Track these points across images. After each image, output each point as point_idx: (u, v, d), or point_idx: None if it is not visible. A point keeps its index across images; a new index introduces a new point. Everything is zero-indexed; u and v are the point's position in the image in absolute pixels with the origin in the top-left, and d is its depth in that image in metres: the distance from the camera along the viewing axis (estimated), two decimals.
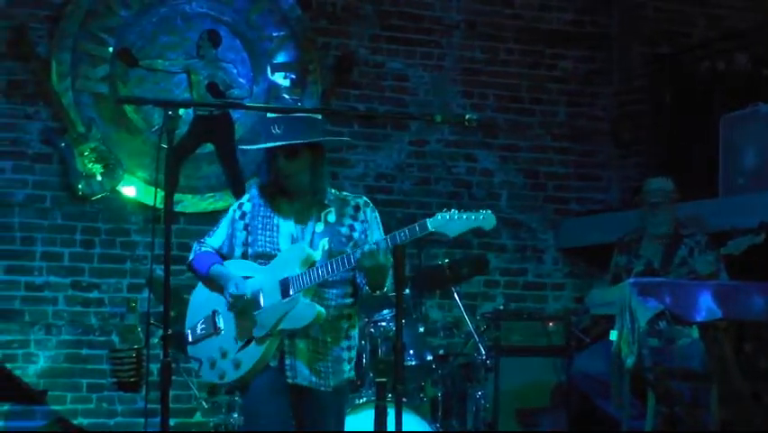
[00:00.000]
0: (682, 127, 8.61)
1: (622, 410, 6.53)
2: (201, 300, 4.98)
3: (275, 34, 8.36)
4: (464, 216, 4.50)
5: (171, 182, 4.45)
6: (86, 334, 7.88)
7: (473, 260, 8.00)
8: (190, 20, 8.16)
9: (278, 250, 4.80)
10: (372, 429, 5.12)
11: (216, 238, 4.98)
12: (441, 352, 7.05)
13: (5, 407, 7.51)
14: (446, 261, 7.15)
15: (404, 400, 5.10)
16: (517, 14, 9.09)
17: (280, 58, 8.39)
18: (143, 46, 8.05)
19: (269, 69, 8.34)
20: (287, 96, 8.33)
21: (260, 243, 4.86)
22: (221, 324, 4.85)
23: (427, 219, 4.50)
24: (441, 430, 6.31)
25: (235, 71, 8.24)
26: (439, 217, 4.49)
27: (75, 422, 7.64)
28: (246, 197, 5.00)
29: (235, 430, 6.58)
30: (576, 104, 9.23)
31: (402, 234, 4.51)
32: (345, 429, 5.27)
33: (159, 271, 5.25)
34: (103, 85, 7.96)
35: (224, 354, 4.80)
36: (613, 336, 6.31)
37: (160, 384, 4.27)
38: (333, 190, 4.94)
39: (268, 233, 4.86)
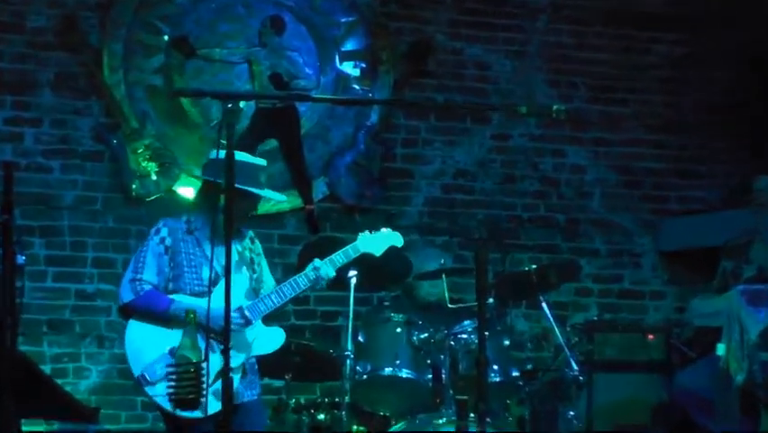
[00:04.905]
0: None
1: (729, 430, 6.49)
2: (147, 340, 5.22)
3: (343, 20, 8.31)
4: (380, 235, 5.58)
5: (232, 182, 4.33)
6: None
7: (563, 265, 7.80)
8: (251, 6, 8.12)
9: (204, 285, 5.20)
10: None
11: (150, 273, 5.27)
12: (528, 367, 7.01)
13: (56, 426, 7.21)
14: (533, 267, 6.95)
15: (487, 420, 5.03)
16: None
17: (349, 45, 8.32)
18: (201, 34, 8.02)
19: (337, 57, 8.28)
20: (357, 87, 8.29)
21: (186, 280, 5.28)
22: None
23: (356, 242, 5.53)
24: None
25: (301, 60, 8.16)
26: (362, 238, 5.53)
27: None
28: (164, 230, 5.34)
29: None
30: (672, 92, 9.02)
31: (338, 258, 5.40)
32: None
33: None
34: (157, 77, 7.93)
35: None
36: (720, 349, 6.43)
37: (222, 399, 4.27)
38: None
39: (194, 269, 5.31)
